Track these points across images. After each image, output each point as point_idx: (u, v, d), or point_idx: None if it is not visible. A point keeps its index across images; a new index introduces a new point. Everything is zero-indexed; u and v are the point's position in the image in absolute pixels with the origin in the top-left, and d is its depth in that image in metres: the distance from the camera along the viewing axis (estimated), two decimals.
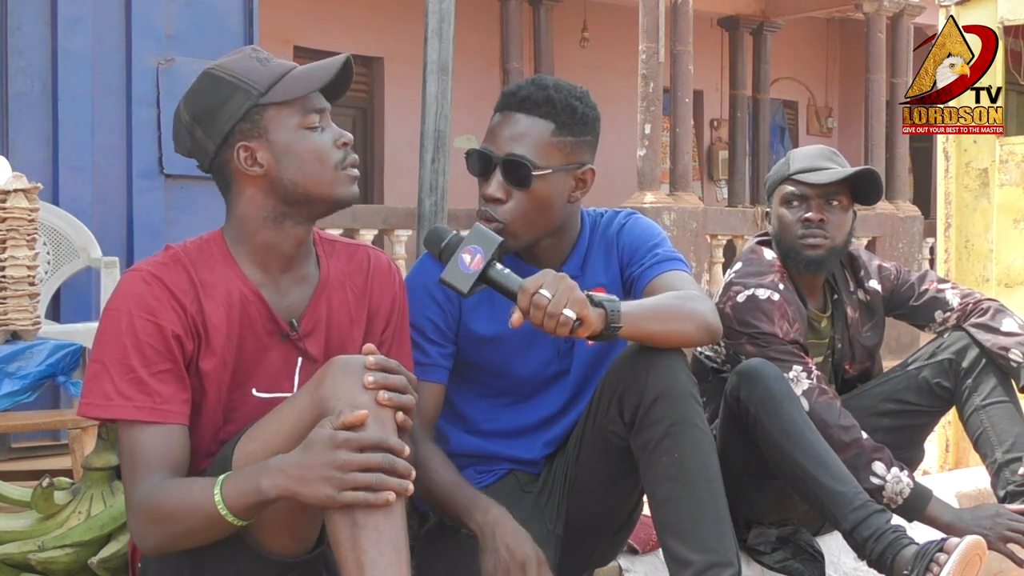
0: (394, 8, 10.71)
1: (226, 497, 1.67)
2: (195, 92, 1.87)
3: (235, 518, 1.67)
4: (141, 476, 1.75)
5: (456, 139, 10.66)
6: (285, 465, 1.65)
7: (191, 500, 1.70)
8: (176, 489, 1.72)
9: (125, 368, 1.76)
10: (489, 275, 1.90)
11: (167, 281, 1.82)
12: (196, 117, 1.86)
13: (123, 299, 1.80)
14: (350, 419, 1.64)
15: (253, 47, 1.91)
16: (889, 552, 2.31)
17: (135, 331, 1.77)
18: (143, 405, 1.76)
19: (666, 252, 2.24)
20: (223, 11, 4.54)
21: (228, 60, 1.88)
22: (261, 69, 1.86)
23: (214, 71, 1.87)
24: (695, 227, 9.72)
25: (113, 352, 1.77)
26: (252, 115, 1.84)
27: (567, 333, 1.86)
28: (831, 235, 2.70)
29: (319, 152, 1.86)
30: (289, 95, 1.85)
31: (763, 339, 2.61)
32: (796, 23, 13.78)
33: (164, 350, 1.78)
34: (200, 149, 1.87)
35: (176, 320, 1.80)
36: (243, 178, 1.86)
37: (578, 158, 2.17)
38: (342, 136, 1.89)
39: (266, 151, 1.84)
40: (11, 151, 3.98)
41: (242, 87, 1.84)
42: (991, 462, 2.68)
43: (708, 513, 2.02)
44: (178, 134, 1.91)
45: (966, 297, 2.82)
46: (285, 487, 1.64)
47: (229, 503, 1.67)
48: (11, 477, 2.83)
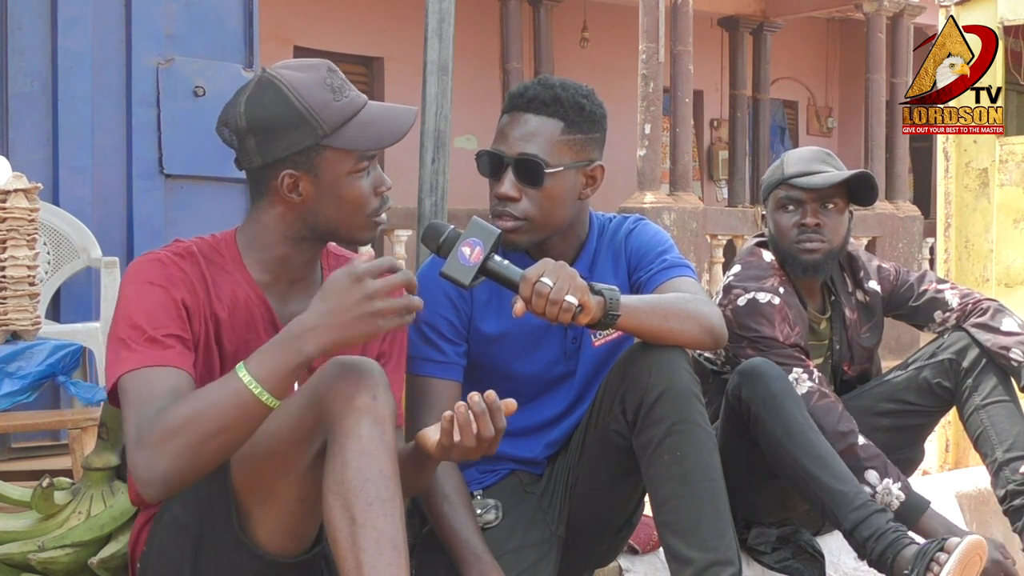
0: (394, 8, 10.71)
1: (258, 375, 1.62)
2: (260, 104, 1.81)
3: (269, 395, 1.63)
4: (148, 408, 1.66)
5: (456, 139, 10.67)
6: (313, 321, 1.64)
7: (212, 395, 1.64)
8: (187, 397, 1.66)
9: (135, 330, 1.73)
10: (489, 267, 1.92)
11: (182, 265, 1.82)
12: (254, 129, 1.81)
13: (135, 274, 1.80)
14: (362, 258, 1.65)
15: (329, 67, 1.86)
16: (890, 552, 2.31)
17: (144, 296, 1.76)
18: (152, 354, 1.71)
19: (674, 258, 2.25)
20: (223, 11, 4.54)
21: (302, 82, 1.82)
22: (334, 105, 1.82)
23: (285, 89, 1.81)
24: (695, 227, 9.72)
25: (123, 322, 1.75)
26: (310, 151, 1.82)
27: (569, 320, 1.88)
28: (828, 239, 2.70)
29: (359, 200, 1.86)
30: (354, 145, 1.83)
31: (764, 343, 2.61)
32: (796, 23, 13.78)
33: (174, 315, 1.76)
34: (245, 155, 1.84)
35: (187, 294, 1.79)
36: (279, 197, 1.85)
37: (588, 155, 2.19)
38: (383, 184, 1.89)
39: (310, 184, 1.83)
40: (11, 151, 3.98)
41: (311, 122, 1.80)
42: (991, 461, 2.68)
43: (709, 512, 2.02)
44: (227, 128, 1.85)
45: (965, 297, 2.82)
46: (326, 340, 1.63)
47: (262, 379, 1.62)
48: (11, 477, 2.83)
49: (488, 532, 2.17)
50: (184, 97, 4.33)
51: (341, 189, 1.84)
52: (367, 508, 1.62)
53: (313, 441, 1.71)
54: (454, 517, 2.10)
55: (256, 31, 4.62)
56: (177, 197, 4.38)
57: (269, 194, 1.86)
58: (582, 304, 1.88)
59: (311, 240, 1.89)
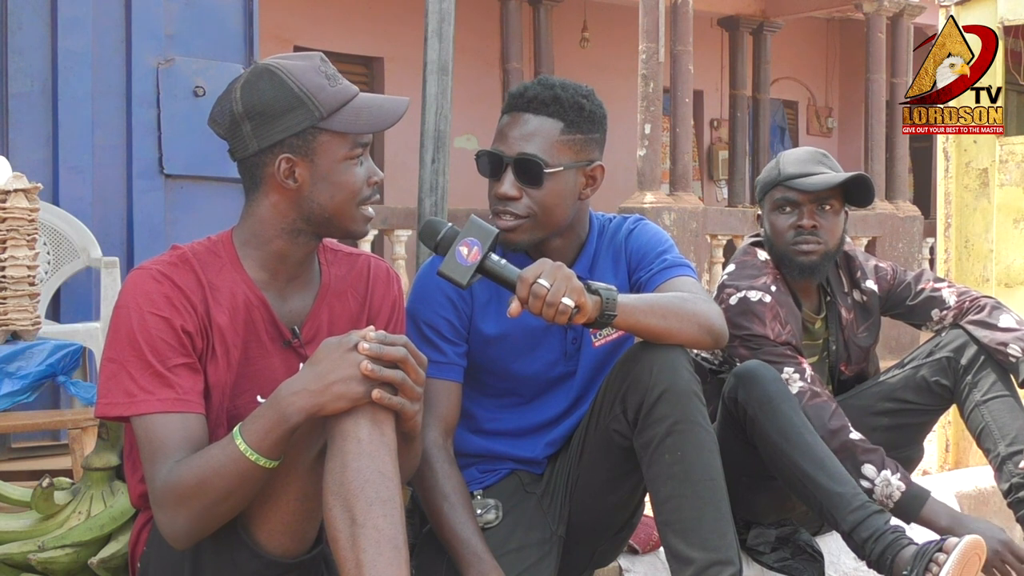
0: (394, 8, 10.71)
1: (250, 441, 1.65)
2: (256, 88, 1.83)
3: (265, 459, 1.66)
4: (162, 462, 1.72)
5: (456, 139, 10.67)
6: (301, 385, 1.65)
7: (214, 462, 1.68)
8: (195, 459, 1.70)
9: (143, 364, 1.75)
10: (487, 266, 1.92)
11: (176, 280, 1.82)
12: (250, 113, 1.82)
13: (132, 296, 1.80)
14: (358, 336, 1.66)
15: (321, 57, 1.88)
16: (888, 553, 2.31)
17: (147, 327, 1.77)
18: (166, 398, 1.75)
19: (674, 258, 2.25)
20: (223, 11, 4.54)
21: (297, 67, 1.84)
22: (329, 90, 1.84)
23: (281, 74, 1.83)
24: (695, 227, 9.72)
25: (128, 350, 1.76)
26: (306, 134, 1.83)
27: (565, 321, 1.89)
28: (824, 240, 2.71)
29: (353, 186, 1.87)
30: (349, 128, 1.84)
31: (755, 341, 2.61)
32: (796, 23, 13.77)
33: (177, 344, 1.78)
34: (240, 142, 1.85)
35: (186, 317, 1.80)
36: (274, 185, 1.86)
37: (587, 155, 2.20)
38: (375, 175, 1.91)
39: (306, 170, 1.84)
40: (11, 151, 3.98)
41: (307, 104, 1.82)
42: (994, 456, 2.68)
43: (710, 511, 2.02)
44: (221, 117, 1.86)
45: (962, 295, 2.82)
46: (310, 404, 1.64)
47: (255, 445, 1.65)
48: (11, 477, 2.83)
49: (488, 532, 2.17)
50: (184, 97, 4.33)
51: (336, 175, 1.85)
52: (367, 508, 1.63)
53: (313, 442, 1.71)
54: (454, 517, 2.10)
55: (256, 31, 4.62)
56: (177, 197, 4.38)
57: (264, 183, 1.86)
58: (579, 305, 1.89)
59: (307, 233, 1.89)
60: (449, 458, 2.16)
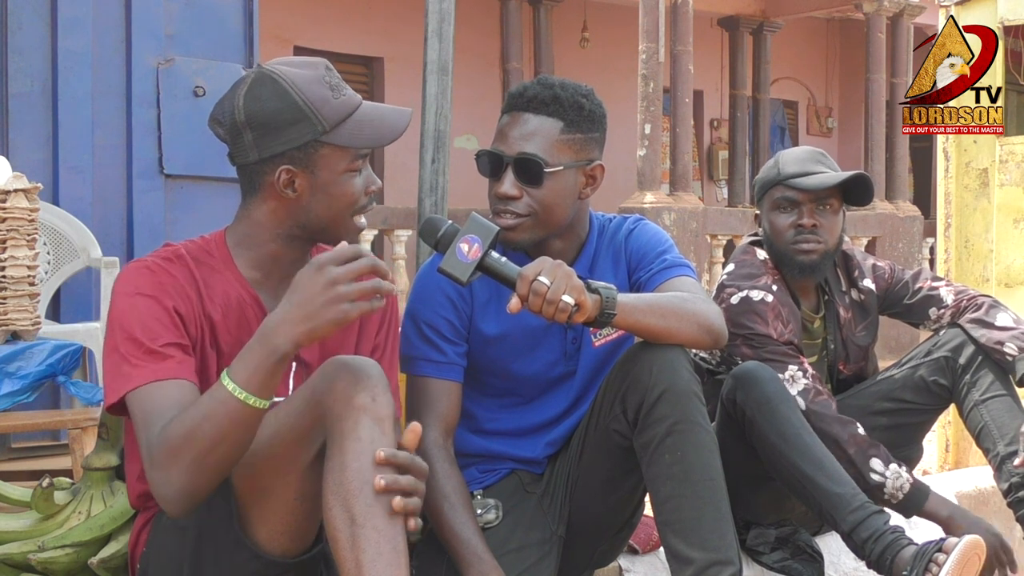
0: (394, 8, 10.71)
1: (239, 380, 1.63)
2: (258, 98, 1.81)
3: (255, 399, 1.63)
4: (155, 425, 1.68)
5: (456, 139, 10.66)
6: (283, 317, 1.63)
7: (203, 408, 1.64)
8: (185, 412, 1.66)
9: (134, 344, 1.74)
10: (487, 263, 1.92)
11: (171, 270, 1.82)
12: (252, 123, 1.81)
13: (122, 286, 1.80)
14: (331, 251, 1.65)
15: (327, 65, 1.87)
16: (888, 553, 2.32)
17: (137, 309, 1.76)
18: (158, 368, 1.72)
19: (674, 258, 2.25)
20: (223, 11, 4.54)
21: (301, 77, 1.82)
22: (333, 103, 1.82)
23: (285, 84, 1.81)
24: (695, 227, 9.72)
25: (120, 335, 1.75)
26: (308, 147, 1.82)
27: (565, 319, 1.89)
28: (824, 239, 2.71)
29: (350, 197, 1.87)
30: (351, 143, 1.84)
31: (758, 340, 2.61)
32: (796, 23, 13.77)
33: (169, 323, 1.77)
34: (241, 149, 1.84)
35: (179, 300, 1.80)
36: (272, 193, 1.85)
37: (587, 155, 2.20)
38: (373, 184, 1.90)
39: (305, 181, 1.84)
40: (11, 151, 3.98)
41: (310, 118, 1.81)
42: (993, 455, 2.68)
43: (709, 511, 2.02)
44: (221, 122, 1.85)
45: (960, 294, 2.83)
46: (297, 333, 1.62)
47: (244, 383, 1.62)
48: (11, 477, 2.83)
49: (488, 532, 2.17)
50: (184, 97, 4.33)
51: (335, 187, 1.85)
52: (367, 508, 1.63)
53: (312, 441, 1.71)
54: (454, 517, 2.10)
55: (256, 31, 4.62)
56: (177, 197, 4.38)
57: (262, 190, 1.86)
58: (578, 303, 1.89)
59: (301, 239, 1.90)
60: (449, 458, 2.16)
